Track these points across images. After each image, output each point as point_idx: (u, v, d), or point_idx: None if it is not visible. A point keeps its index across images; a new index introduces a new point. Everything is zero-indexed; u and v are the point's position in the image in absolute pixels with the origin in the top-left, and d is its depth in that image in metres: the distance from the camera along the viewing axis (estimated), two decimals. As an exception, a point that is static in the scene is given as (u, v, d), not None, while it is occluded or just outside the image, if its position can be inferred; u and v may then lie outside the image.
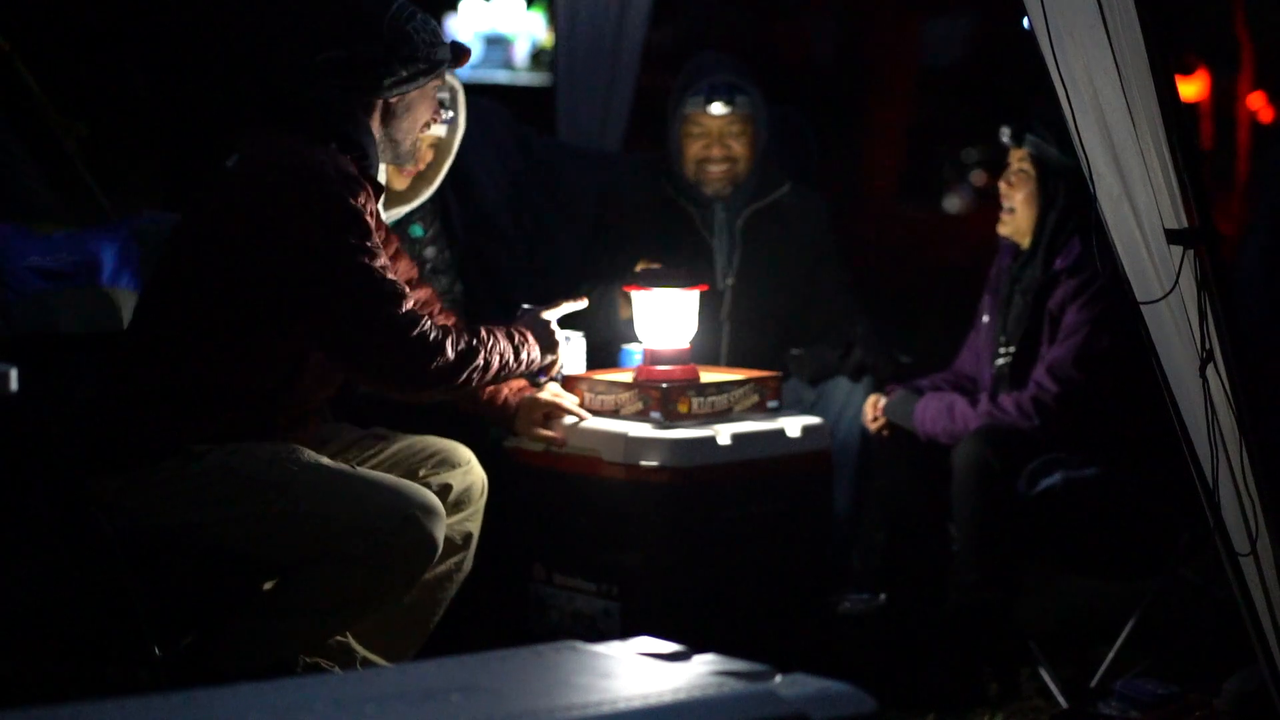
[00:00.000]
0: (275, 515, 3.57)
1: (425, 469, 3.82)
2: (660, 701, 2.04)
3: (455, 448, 3.94)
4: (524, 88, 11.29)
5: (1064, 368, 4.42)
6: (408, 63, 3.65)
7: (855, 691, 2.11)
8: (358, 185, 3.58)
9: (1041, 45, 3.27)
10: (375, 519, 3.54)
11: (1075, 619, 4.89)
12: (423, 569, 3.62)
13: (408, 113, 3.70)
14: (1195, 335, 3.22)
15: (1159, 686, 3.95)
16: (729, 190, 5.04)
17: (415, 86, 3.68)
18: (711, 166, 5.02)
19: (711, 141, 5.01)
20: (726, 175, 5.03)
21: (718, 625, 4.18)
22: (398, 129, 3.71)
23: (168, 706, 2.01)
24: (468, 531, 3.89)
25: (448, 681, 2.09)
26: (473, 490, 3.89)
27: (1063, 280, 4.49)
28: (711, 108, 4.98)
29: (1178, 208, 3.19)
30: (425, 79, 3.69)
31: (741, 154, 5.02)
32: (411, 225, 4.63)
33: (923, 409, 4.59)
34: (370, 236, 3.57)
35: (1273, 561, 3.30)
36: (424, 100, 3.71)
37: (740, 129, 5.01)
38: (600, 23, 6.00)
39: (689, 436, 4.20)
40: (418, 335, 3.58)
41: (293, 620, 3.62)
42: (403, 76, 3.65)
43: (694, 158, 5.03)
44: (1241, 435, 3.23)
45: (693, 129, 5.01)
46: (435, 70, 3.69)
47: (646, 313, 4.36)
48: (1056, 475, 4.37)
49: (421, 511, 3.57)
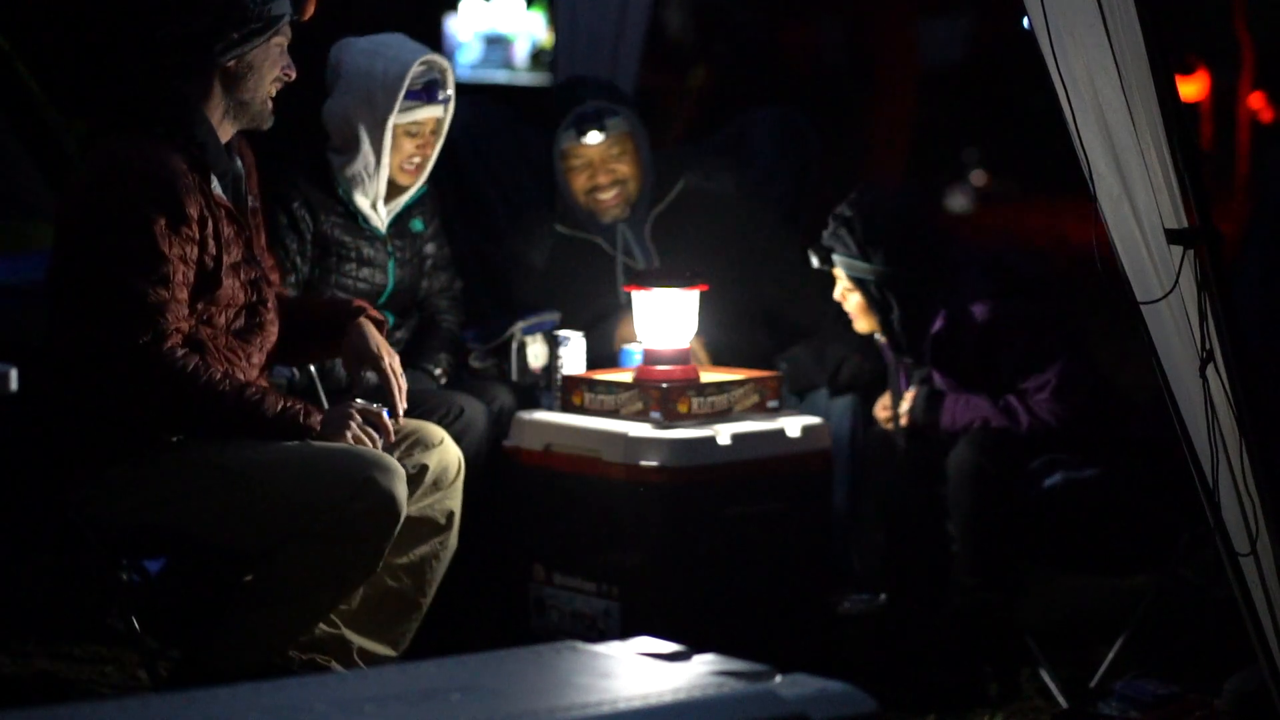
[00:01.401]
0: (237, 502, 3.59)
1: (399, 451, 3.82)
2: (660, 701, 2.04)
3: (428, 428, 3.93)
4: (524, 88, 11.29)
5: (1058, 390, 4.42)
6: (239, 24, 3.65)
7: (855, 691, 2.11)
8: (165, 185, 3.56)
9: (1041, 45, 3.26)
10: (331, 491, 3.55)
11: (1075, 619, 4.89)
12: (390, 529, 3.60)
13: (251, 73, 3.68)
14: (1195, 335, 3.22)
15: (1159, 686, 3.95)
16: (626, 212, 4.99)
17: (252, 47, 3.67)
18: (601, 195, 4.93)
19: (595, 170, 4.92)
20: (619, 198, 4.94)
21: (718, 625, 4.18)
22: (243, 91, 3.69)
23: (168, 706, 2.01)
24: (449, 510, 3.88)
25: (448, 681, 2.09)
26: (449, 469, 3.89)
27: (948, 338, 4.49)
28: (586, 138, 4.90)
29: (1178, 208, 3.19)
30: (261, 38, 3.68)
31: (629, 173, 4.94)
32: (412, 220, 4.63)
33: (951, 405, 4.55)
34: (150, 246, 3.54)
35: (1273, 561, 3.29)
36: (267, 58, 3.69)
37: (620, 150, 4.92)
38: (600, 23, 6.00)
39: (689, 436, 4.21)
40: (143, 359, 3.54)
41: (277, 609, 3.63)
42: (235, 40, 3.65)
43: (581, 189, 4.95)
44: (1241, 435, 3.22)
45: (574, 162, 4.93)
46: (272, 26, 3.69)
47: (646, 313, 4.37)
48: (1056, 475, 4.37)
49: (378, 471, 3.57)
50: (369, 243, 4.51)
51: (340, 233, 4.47)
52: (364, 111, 4.43)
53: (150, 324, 3.53)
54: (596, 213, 4.96)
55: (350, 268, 4.48)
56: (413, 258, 4.63)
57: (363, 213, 4.50)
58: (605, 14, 6.02)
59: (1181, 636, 4.48)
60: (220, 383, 3.58)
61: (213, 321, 3.66)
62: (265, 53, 3.69)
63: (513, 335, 4.87)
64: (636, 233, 5.01)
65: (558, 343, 4.57)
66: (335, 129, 4.49)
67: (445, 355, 4.64)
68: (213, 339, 3.65)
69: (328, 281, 4.46)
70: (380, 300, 4.52)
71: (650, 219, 5.01)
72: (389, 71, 4.42)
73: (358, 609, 3.82)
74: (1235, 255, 4.75)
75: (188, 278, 3.59)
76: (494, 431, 4.47)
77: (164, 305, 3.54)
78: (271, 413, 3.61)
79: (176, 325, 3.57)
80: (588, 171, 4.93)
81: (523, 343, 4.87)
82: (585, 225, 4.99)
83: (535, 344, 4.89)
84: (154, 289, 3.54)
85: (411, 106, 4.45)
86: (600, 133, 4.89)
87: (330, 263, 4.46)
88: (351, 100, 4.44)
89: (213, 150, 3.66)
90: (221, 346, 3.66)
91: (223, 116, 3.70)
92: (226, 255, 3.66)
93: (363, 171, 4.47)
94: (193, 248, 3.59)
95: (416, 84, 4.44)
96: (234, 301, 3.69)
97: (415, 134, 4.48)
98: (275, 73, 3.72)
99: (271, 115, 3.74)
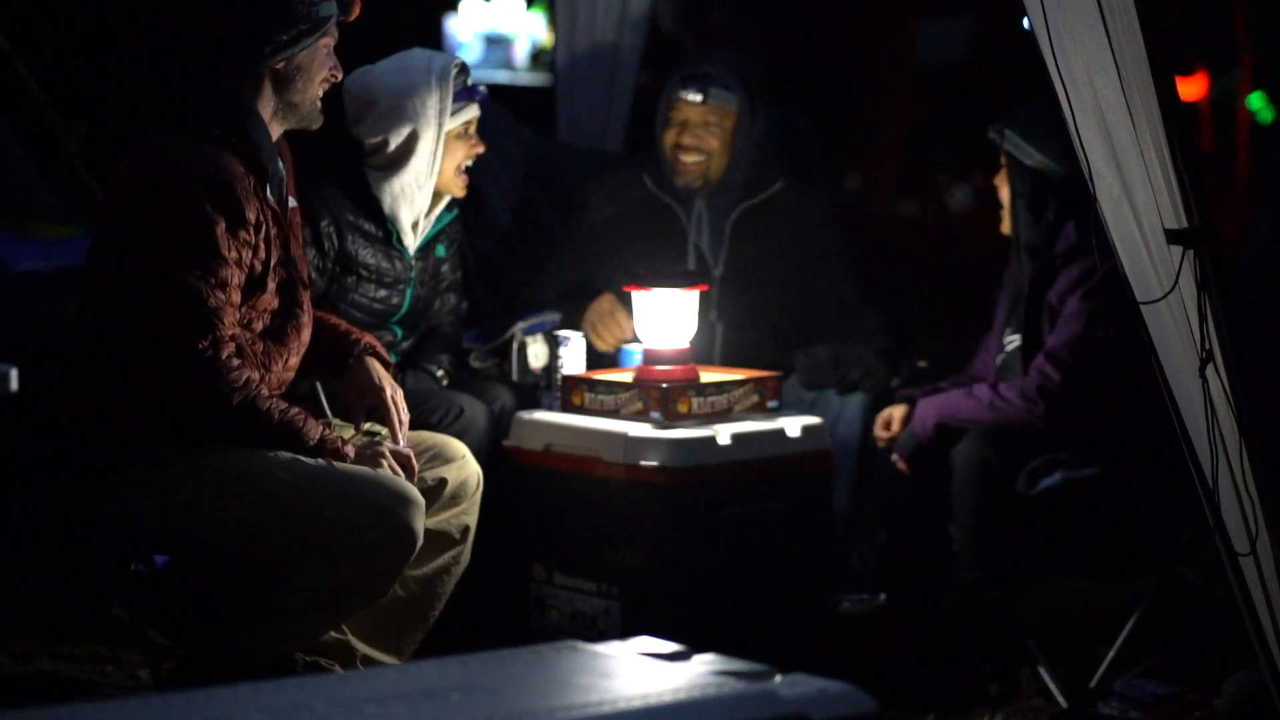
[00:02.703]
0: (253, 513, 3.57)
1: (419, 464, 3.82)
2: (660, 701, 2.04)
3: (449, 442, 3.94)
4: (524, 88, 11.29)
5: (1064, 353, 4.42)
6: (287, 26, 3.64)
7: (855, 691, 2.11)
8: (226, 187, 3.54)
9: (1041, 45, 3.27)
10: (351, 513, 3.53)
11: (1075, 619, 4.89)
12: (404, 560, 3.61)
13: (300, 74, 3.67)
14: (1195, 336, 3.22)
15: (1159, 686, 3.95)
16: (700, 184, 4.98)
17: (301, 48, 3.66)
18: (683, 156, 4.95)
19: (685, 130, 4.95)
20: (698, 168, 4.96)
21: (718, 625, 4.18)
22: (292, 92, 3.68)
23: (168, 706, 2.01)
24: (465, 525, 3.89)
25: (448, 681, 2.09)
26: (468, 484, 3.89)
27: (1061, 269, 4.49)
28: (685, 94, 4.94)
29: (1178, 208, 3.19)
30: (310, 39, 3.67)
31: (714, 148, 4.95)
32: (437, 246, 4.62)
33: (922, 411, 4.57)
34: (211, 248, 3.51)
35: (1272, 561, 3.30)
36: (315, 59, 3.69)
37: (716, 121, 4.94)
38: (600, 23, 6.00)
39: (688, 436, 4.21)
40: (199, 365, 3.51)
41: (282, 621, 3.62)
42: (283, 41, 3.64)
43: (670, 142, 4.99)
44: (1241, 435, 3.22)
45: (672, 114, 4.97)
46: (320, 28, 3.68)
47: (646, 312, 4.37)
48: (1056, 475, 4.37)
49: (397, 503, 3.56)
50: (392, 265, 4.47)
51: (365, 254, 4.44)
52: (413, 122, 4.40)
53: (209, 328, 3.50)
54: (675, 172, 4.98)
55: (369, 288, 4.45)
56: (430, 280, 4.61)
57: (399, 231, 4.47)
58: (605, 14, 6.01)
59: (1181, 636, 4.48)
60: (267, 400, 3.56)
61: (251, 325, 3.64)
62: (313, 54, 3.68)
63: (513, 335, 4.88)
64: (715, 217, 5.02)
65: (558, 343, 4.58)
66: (375, 146, 4.46)
67: (446, 356, 4.64)
68: (250, 343, 3.62)
69: (344, 299, 4.42)
70: (393, 320, 4.52)
71: (737, 211, 5.02)
72: (432, 78, 4.40)
73: (365, 616, 3.81)
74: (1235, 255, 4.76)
75: (240, 281, 3.57)
76: (494, 431, 4.47)
77: (221, 310, 3.52)
78: (311, 441, 3.60)
79: (231, 331, 3.55)
80: (679, 128, 4.96)
81: (523, 343, 4.88)
82: (669, 190, 5.02)
83: (536, 344, 4.89)
84: (213, 292, 3.51)
85: (460, 108, 4.45)
86: (699, 94, 4.94)
87: (350, 281, 4.43)
88: (395, 119, 4.41)
89: (267, 153, 3.64)
90: (259, 351, 3.64)
91: (271, 117, 3.69)
92: (272, 258, 3.65)
93: (412, 184, 4.43)
94: (247, 252, 3.57)
95: (457, 85, 4.45)
96: (271, 306, 3.68)
97: (466, 135, 4.47)
98: (323, 74, 3.71)
99: (320, 115, 3.74)
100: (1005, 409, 4.43)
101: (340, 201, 4.43)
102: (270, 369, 3.65)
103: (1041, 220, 4.51)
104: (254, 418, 3.55)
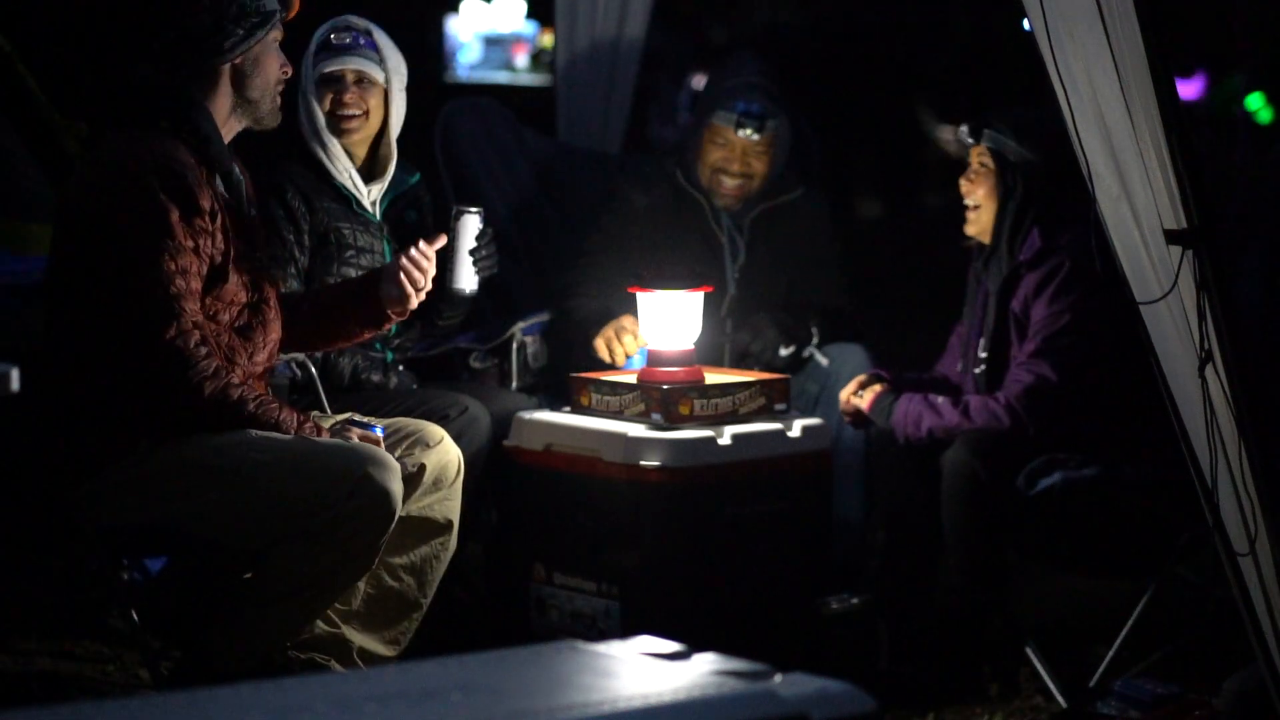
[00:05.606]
0: (234, 500, 3.60)
1: (399, 450, 3.84)
2: (660, 701, 2.04)
3: (428, 427, 3.95)
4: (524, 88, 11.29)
5: (1033, 365, 4.41)
6: (239, 20, 3.70)
7: (855, 691, 2.11)
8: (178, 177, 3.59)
9: (1041, 46, 3.27)
10: (329, 485, 3.56)
11: (1075, 619, 4.89)
12: (384, 528, 3.61)
13: (257, 69, 3.73)
14: (1194, 336, 3.22)
15: (1159, 686, 3.95)
16: (738, 206, 5.04)
17: (255, 41, 3.72)
18: (726, 180, 4.99)
19: (733, 158, 4.99)
20: (739, 191, 5.01)
21: (718, 625, 4.18)
22: (250, 88, 3.74)
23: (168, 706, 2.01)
24: (449, 511, 3.90)
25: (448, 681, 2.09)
26: (448, 469, 3.90)
27: (1024, 275, 4.48)
28: (741, 132, 4.96)
29: (1177, 208, 3.19)
30: (261, 31, 3.72)
31: (759, 172, 5.01)
32: (406, 211, 4.62)
33: (902, 413, 4.55)
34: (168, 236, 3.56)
35: (1272, 561, 3.30)
36: (268, 53, 3.75)
37: (764, 149, 4.99)
38: (600, 23, 6.00)
39: (688, 436, 4.21)
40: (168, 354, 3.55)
41: (274, 606, 3.64)
42: (239, 35, 3.70)
43: (711, 165, 5.01)
44: (1241, 435, 3.23)
45: (717, 139, 4.99)
46: (269, 21, 3.73)
47: (650, 314, 4.37)
48: (1056, 475, 4.36)
49: (373, 466, 3.58)
50: (364, 229, 4.50)
51: (336, 220, 4.47)
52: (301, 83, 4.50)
53: (173, 315, 3.54)
54: (714, 191, 5.02)
55: (350, 255, 4.45)
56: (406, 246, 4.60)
57: (352, 193, 4.49)
58: (605, 14, 6.01)
59: (1181, 636, 4.48)
60: (238, 388, 3.61)
61: (217, 318, 3.67)
62: (265, 47, 3.74)
63: (513, 335, 4.87)
64: (736, 217, 5.06)
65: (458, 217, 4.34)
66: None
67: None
68: (216, 336, 3.66)
69: (330, 271, 4.44)
70: None
71: (755, 211, 5.04)
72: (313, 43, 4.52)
73: (357, 608, 3.83)
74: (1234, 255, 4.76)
75: (200, 270, 3.61)
76: (495, 431, 4.47)
77: (183, 297, 3.56)
78: (288, 429, 3.64)
79: (194, 319, 3.59)
80: (725, 153, 4.99)
81: (523, 343, 4.88)
82: (695, 185, 5.05)
83: (535, 344, 4.89)
84: (174, 279, 3.56)
85: (324, 60, 4.49)
86: (758, 135, 4.96)
87: (330, 251, 4.45)
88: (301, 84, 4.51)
89: (216, 144, 3.69)
90: (224, 344, 3.67)
91: (229, 114, 3.74)
92: (232, 250, 3.67)
93: (312, 139, 4.49)
94: (205, 240, 3.61)
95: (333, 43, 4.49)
96: (237, 299, 3.70)
97: (332, 84, 4.49)
98: (276, 71, 3.75)
99: (279, 114, 3.78)
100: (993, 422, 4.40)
101: (303, 175, 4.48)
102: (235, 362, 3.69)
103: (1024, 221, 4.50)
104: (228, 407, 3.59)
